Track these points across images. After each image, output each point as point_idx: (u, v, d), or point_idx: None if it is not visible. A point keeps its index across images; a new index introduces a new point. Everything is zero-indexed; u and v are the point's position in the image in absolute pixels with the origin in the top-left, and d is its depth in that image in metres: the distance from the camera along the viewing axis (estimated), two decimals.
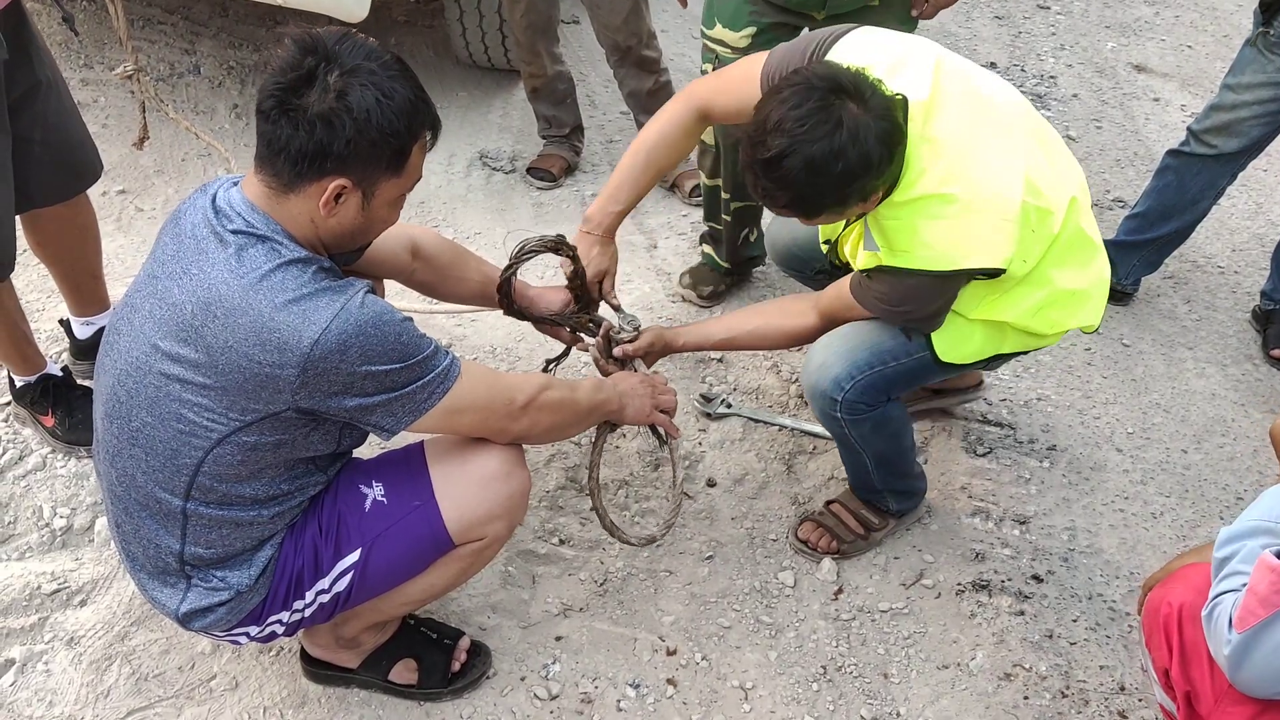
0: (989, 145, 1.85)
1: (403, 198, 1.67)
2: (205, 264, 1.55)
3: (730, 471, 2.61)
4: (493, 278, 2.19)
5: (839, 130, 1.66)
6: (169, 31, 4.24)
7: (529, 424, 1.80)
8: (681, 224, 3.50)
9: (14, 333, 2.40)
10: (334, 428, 1.67)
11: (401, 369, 1.59)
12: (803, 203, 1.79)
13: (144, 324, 1.60)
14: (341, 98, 1.50)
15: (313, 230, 1.60)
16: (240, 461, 1.61)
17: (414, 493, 1.79)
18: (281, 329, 1.50)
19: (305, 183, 1.54)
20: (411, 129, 1.57)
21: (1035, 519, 2.54)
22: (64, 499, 2.40)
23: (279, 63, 1.52)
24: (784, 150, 1.68)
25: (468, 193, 3.66)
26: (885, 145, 1.71)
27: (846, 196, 1.76)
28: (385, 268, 2.03)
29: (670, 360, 2.91)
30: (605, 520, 2.10)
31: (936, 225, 1.81)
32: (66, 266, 2.55)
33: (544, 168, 3.72)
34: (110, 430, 1.66)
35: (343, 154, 1.52)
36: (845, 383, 2.09)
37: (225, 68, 4.09)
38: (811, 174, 1.69)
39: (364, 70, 1.51)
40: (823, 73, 1.71)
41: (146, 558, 1.71)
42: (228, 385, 1.54)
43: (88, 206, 2.49)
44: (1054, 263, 1.98)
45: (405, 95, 1.55)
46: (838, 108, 1.67)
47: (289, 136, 1.50)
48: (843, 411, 2.12)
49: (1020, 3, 5.17)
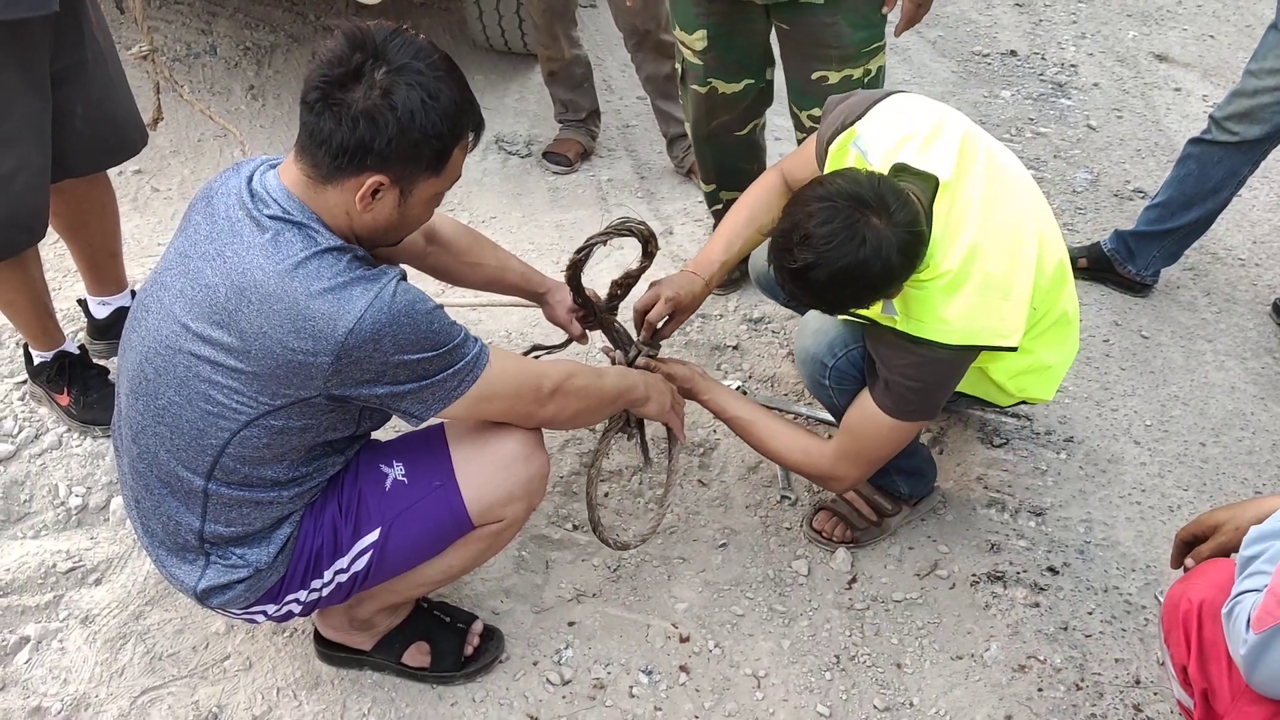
0: (1005, 222, 1.89)
1: (439, 196, 1.66)
2: (240, 247, 1.55)
3: (745, 460, 2.60)
4: (507, 265, 2.18)
5: (863, 246, 1.70)
6: (185, 11, 4.24)
7: (555, 410, 1.81)
8: (697, 210, 3.49)
9: (37, 304, 2.41)
10: (355, 411, 1.66)
11: (433, 357, 1.59)
12: (827, 306, 1.87)
13: (174, 303, 1.59)
14: (387, 96, 1.49)
15: (347, 222, 1.59)
16: (265, 444, 1.61)
17: (434, 473, 1.79)
18: (316, 317, 1.50)
19: (344, 176, 1.54)
20: (454, 131, 1.57)
21: (1051, 511, 2.52)
22: (79, 478, 2.41)
23: (327, 55, 1.52)
24: (810, 264, 1.72)
25: (483, 176, 3.65)
26: (907, 255, 1.75)
27: (868, 301, 1.83)
28: (400, 252, 2.03)
29: (686, 348, 2.90)
30: (593, 513, 2.10)
31: (955, 301, 1.84)
32: (84, 242, 2.55)
33: (560, 152, 3.71)
34: (135, 407, 1.66)
35: (383, 152, 1.51)
36: (838, 349, 2.11)
37: (241, 48, 4.08)
38: (835, 286, 1.75)
39: (411, 69, 1.51)
40: (846, 187, 1.74)
41: (166, 534, 1.72)
42: (259, 370, 1.54)
43: (106, 183, 2.49)
44: (1040, 338, 2.07)
45: (450, 97, 1.54)
46: (861, 223, 1.71)
47: (331, 130, 1.50)
48: (831, 379, 2.14)
49: None
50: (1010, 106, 4.21)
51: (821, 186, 1.78)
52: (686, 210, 3.52)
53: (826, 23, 2.48)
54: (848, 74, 2.56)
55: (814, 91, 2.60)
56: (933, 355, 1.88)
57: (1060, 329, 2.11)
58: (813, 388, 2.21)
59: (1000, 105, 4.22)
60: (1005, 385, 2.12)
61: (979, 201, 1.87)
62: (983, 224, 1.85)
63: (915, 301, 1.85)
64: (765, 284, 2.50)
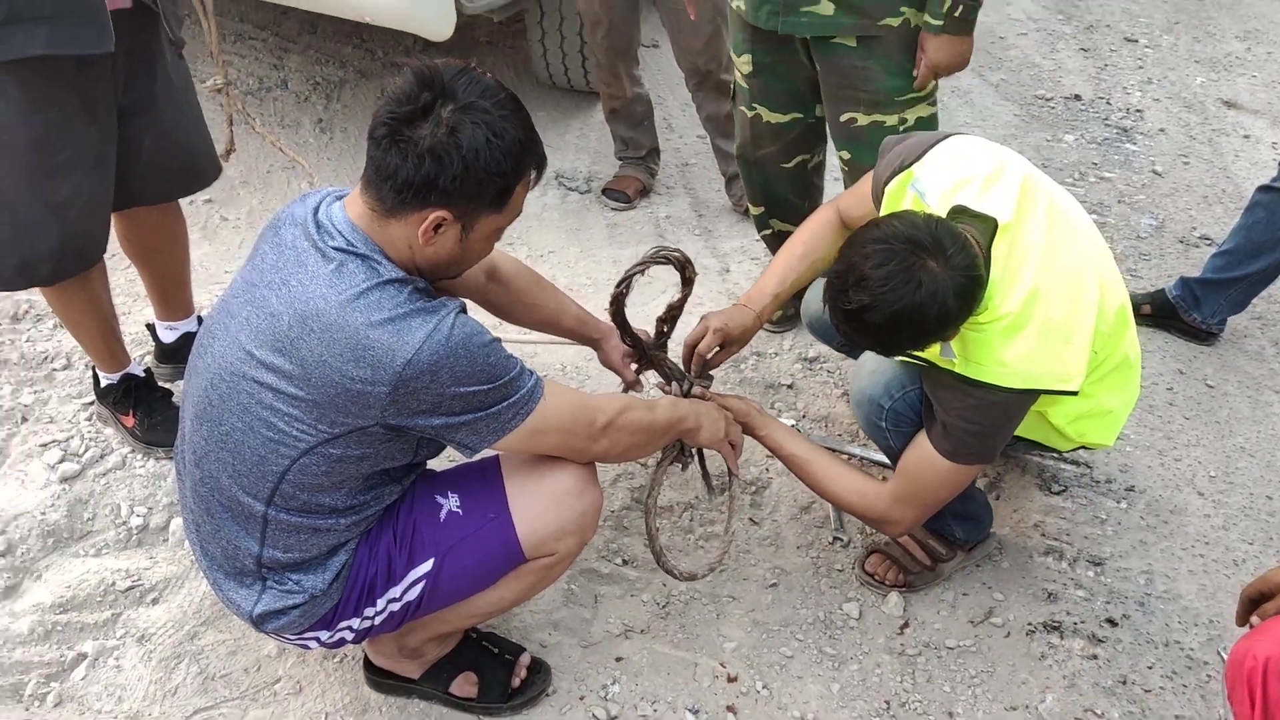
0: (1066, 266, 1.87)
1: (500, 231, 1.69)
2: (305, 277, 1.58)
3: (797, 499, 2.59)
4: (563, 308, 2.21)
5: (919, 290, 1.70)
6: (258, 47, 4.36)
7: (608, 445, 1.82)
8: (755, 249, 3.49)
9: (104, 325, 2.48)
10: (412, 440, 1.68)
11: (489, 390, 1.61)
12: (882, 349, 1.86)
13: (240, 330, 1.63)
14: (453, 134, 1.53)
15: (410, 255, 1.63)
16: (324, 472, 1.63)
17: (489, 505, 1.80)
18: (376, 347, 1.53)
19: (408, 210, 1.57)
20: (517, 169, 1.60)
21: (1111, 561, 2.47)
22: (141, 498, 2.46)
23: (396, 92, 1.56)
24: (865, 305, 1.72)
25: (543, 211, 3.69)
26: (964, 298, 1.75)
27: (925, 344, 1.82)
28: (460, 286, 2.06)
29: (740, 385, 2.90)
30: (654, 544, 2.09)
31: (1015, 344, 1.82)
32: (154, 268, 2.62)
33: (619, 189, 3.74)
34: (199, 432, 1.69)
35: (447, 188, 1.55)
36: (895, 390, 2.09)
37: (311, 83, 4.19)
38: (891, 328, 1.74)
39: (477, 108, 1.54)
40: (903, 229, 1.74)
41: (225, 557, 1.74)
42: (319, 398, 1.56)
43: (177, 212, 2.57)
44: (1101, 382, 2.03)
45: (515, 136, 1.58)
46: (917, 267, 1.70)
47: (397, 166, 1.54)
48: (888, 421, 2.12)
49: (1107, 35, 5.09)
50: (1074, 151, 4.17)
51: (878, 228, 1.78)
52: (744, 249, 3.52)
53: (858, 65, 2.48)
54: (878, 120, 2.54)
55: (843, 133, 2.60)
56: (991, 398, 1.85)
57: (1121, 374, 2.08)
58: (868, 429, 2.19)
59: (1063, 150, 4.18)
60: (1065, 430, 2.09)
61: (1040, 245, 1.85)
62: (1043, 267, 1.83)
63: (974, 344, 1.84)
64: (818, 328, 2.49)
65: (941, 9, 2.34)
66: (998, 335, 1.82)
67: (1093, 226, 2.04)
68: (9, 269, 2.22)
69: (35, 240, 2.19)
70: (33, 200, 2.15)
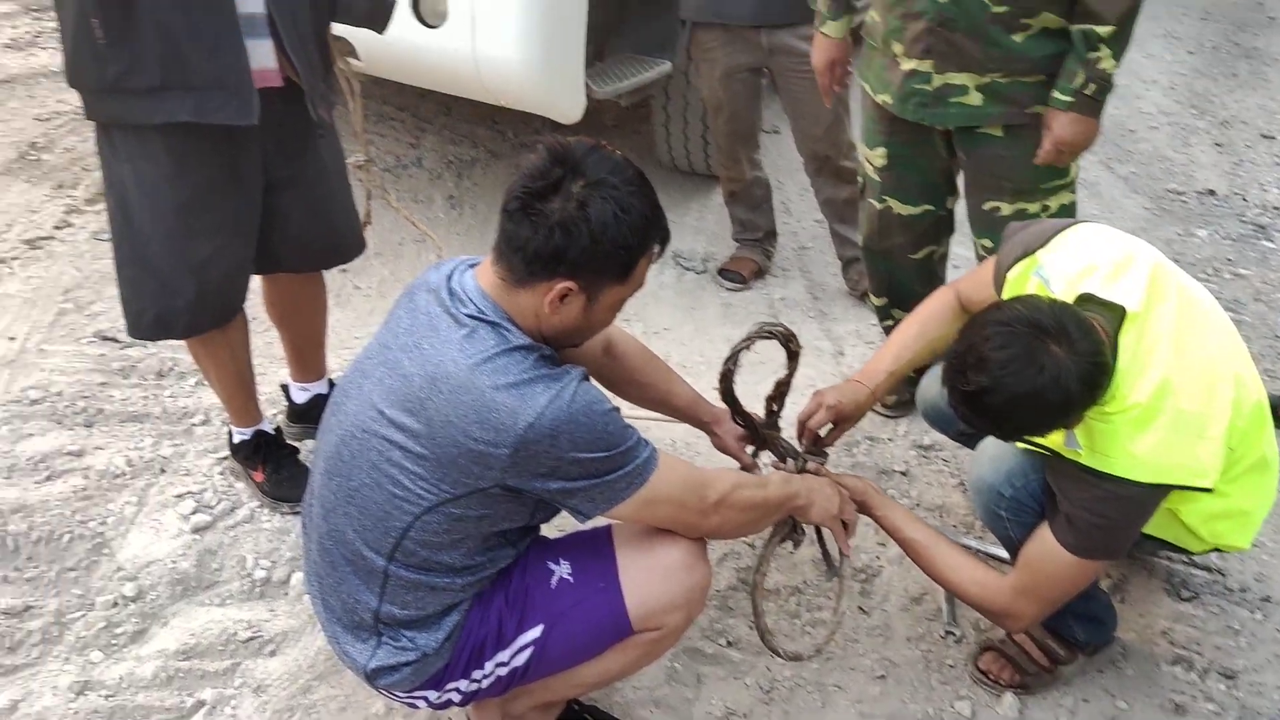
0: (1199, 359, 1.83)
1: (622, 302, 1.74)
2: (437, 341, 1.65)
3: (908, 589, 2.53)
4: (676, 389, 2.24)
5: (1041, 374, 1.67)
6: (398, 127, 4.60)
7: (720, 521, 1.82)
8: (870, 333, 3.48)
9: (241, 381, 2.60)
10: (529, 503, 1.72)
11: (605, 458, 1.64)
12: (1002, 434, 1.83)
13: (373, 390, 1.70)
14: (582, 208, 1.59)
15: (536, 323, 1.69)
16: (445, 530, 1.68)
17: (599, 574, 1.82)
18: (500, 409, 1.58)
19: (536, 281, 1.64)
20: (643, 243, 1.66)
21: (1244, 674, 2.33)
22: (266, 551, 2.55)
23: (530, 168, 1.63)
24: (985, 388, 1.70)
25: (659, 289, 3.75)
26: (1088, 385, 1.71)
27: (1047, 431, 1.78)
28: (578, 358, 2.10)
29: (852, 469, 2.86)
30: (760, 621, 2.06)
31: (1145, 436, 1.77)
32: (293, 331, 2.76)
33: (735, 269, 3.79)
34: (329, 487, 1.76)
35: (575, 260, 1.61)
36: (1016, 478, 2.04)
37: (445, 161, 4.38)
38: (1011, 412, 1.72)
39: (607, 184, 1.61)
40: (1026, 313, 1.72)
41: (344, 611, 1.79)
42: (443, 458, 1.62)
43: (320, 280, 2.70)
44: (1237, 481, 1.95)
45: (641, 211, 1.64)
46: (1040, 351, 1.68)
47: (528, 238, 1.60)
48: (1008, 510, 2.06)
49: (1243, 131, 4.97)
50: (1207, 246, 4.05)
51: (999, 311, 1.76)
52: (859, 332, 3.51)
53: (1003, 155, 2.48)
54: (1022, 207, 2.53)
55: (986, 222, 2.59)
56: (1120, 491, 1.80)
57: (1259, 474, 1.99)
58: (987, 518, 2.14)
59: (1196, 245, 4.07)
60: (1198, 530, 2.00)
61: (1170, 335, 1.80)
62: (1174, 358, 1.78)
63: (1101, 434, 1.79)
64: (934, 417, 2.46)
65: (1071, 85, 2.32)
66: (1126, 426, 1.77)
67: (1227, 320, 1.98)
68: (148, 320, 2.35)
69: (173, 296, 2.31)
70: (174, 258, 2.27)
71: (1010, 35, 2.34)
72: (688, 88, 3.97)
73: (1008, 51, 2.36)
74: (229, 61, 2.10)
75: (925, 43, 2.40)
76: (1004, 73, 2.39)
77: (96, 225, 3.87)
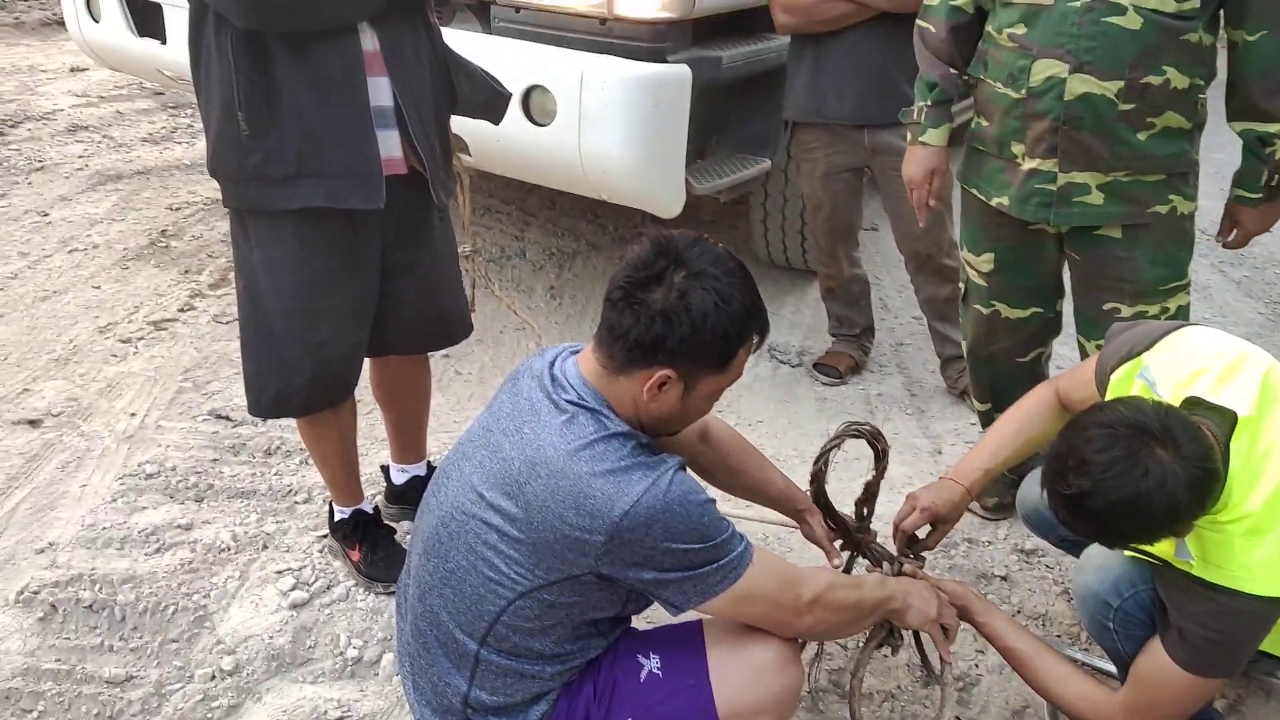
0: None
1: (719, 392, 1.76)
2: (538, 425, 1.69)
3: (1009, 700, 2.43)
4: (769, 478, 2.23)
5: (1145, 478, 1.62)
6: (504, 219, 4.76)
7: (814, 621, 1.79)
8: (969, 432, 3.41)
9: (346, 461, 2.68)
10: (622, 593, 1.72)
11: (700, 549, 1.64)
12: (1106, 540, 1.78)
13: (473, 472, 1.74)
14: (683, 298, 1.63)
15: (634, 410, 1.71)
16: (537, 616, 1.69)
17: (689, 670, 1.80)
18: (596, 496, 1.60)
19: (636, 368, 1.67)
20: (742, 333, 1.69)
21: None
22: (359, 630, 2.59)
23: (634, 258, 1.69)
24: (1086, 491, 1.65)
25: (754, 382, 3.75)
26: (1197, 491, 1.65)
27: (1154, 538, 1.72)
28: (674, 445, 2.12)
29: (950, 572, 2.79)
30: None
31: (1261, 546, 1.70)
32: (397, 413, 2.83)
33: (831, 364, 3.77)
34: (425, 567, 1.79)
35: (674, 349, 1.64)
36: (1125, 589, 1.96)
37: (547, 253, 4.50)
38: (1114, 517, 1.66)
39: (708, 275, 1.65)
40: (1129, 415, 1.68)
41: (434, 693, 1.80)
42: (539, 543, 1.64)
43: (426, 363, 2.78)
44: None
45: (741, 302, 1.67)
46: (1144, 454, 1.63)
47: (629, 326, 1.65)
48: (1116, 621, 1.98)
49: None
50: None
51: (1102, 412, 1.71)
52: (958, 431, 3.45)
53: (1121, 256, 2.45)
54: (1142, 309, 2.48)
55: (1104, 322, 2.53)
56: (1235, 605, 1.71)
57: None
58: (1094, 630, 2.05)
59: None
60: None
61: None
62: None
63: (1213, 544, 1.72)
64: (1035, 521, 2.39)
65: (1259, 183, 2.36)
66: (1240, 536, 1.70)
67: None
68: (268, 398, 2.45)
69: (292, 374, 2.40)
70: (295, 338, 2.37)
71: (1136, 133, 2.33)
72: (786, 184, 4.02)
73: (1133, 150, 2.35)
74: (361, 150, 2.21)
75: (1049, 142, 2.39)
76: (1127, 171, 2.37)
77: (218, 309, 4.07)
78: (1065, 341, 2.90)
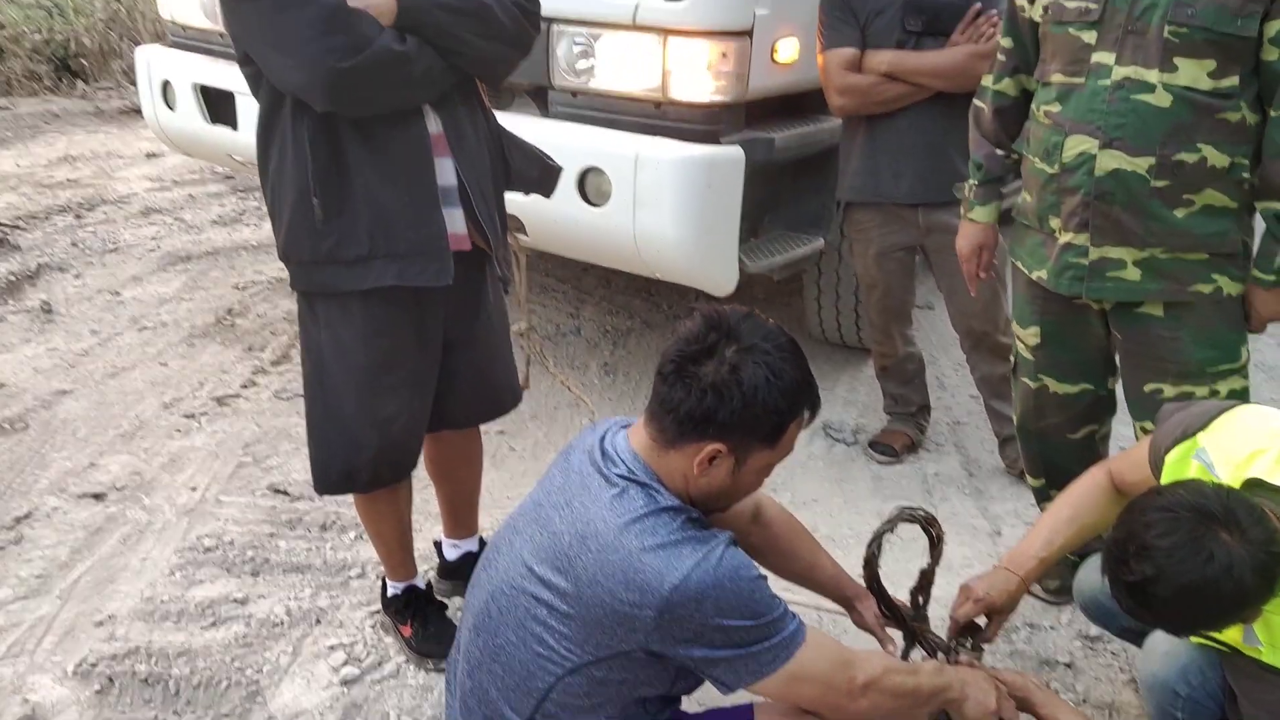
0: None
1: (770, 467, 1.76)
2: (588, 499, 1.69)
3: None
4: (819, 563, 2.21)
5: (1210, 563, 1.58)
6: (559, 297, 4.82)
7: (868, 706, 1.75)
8: (1029, 513, 3.34)
9: (401, 537, 2.69)
10: (671, 670, 1.70)
11: (751, 626, 1.62)
12: (1171, 627, 1.73)
13: (524, 546, 1.75)
14: (734, 372, 1.64)
15: (684, 484, 1.71)
16: (585, 693, 1.67)
17: None
18: (646, 571, 1.59)
19: (686, 442, 1.68)
20: (793, 408, 1.69)
21: None
22: (409, 708, 2.57)
23: (686, 332, 1.71)
24: (1150, 578, 1.61)
25: (808, 460, 3.72)
26: (1264, 576, 1.60)
27: (1221, 625, 1.68)
28: (725, 522, 2.10)
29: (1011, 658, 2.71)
30: None
31: None
32: (450, 488, 2.85)
33: (886, 442, 3.73)
34: (475, 643, 1.79)
35: (725, 423, 1.65)
36: (1193, 676, 1.90)
37: (602, 330, 4.55)
38: (1179, 604, 1.62)
39: (759, 350, 1.66)
40: (1190, 498, 1.64)
41: None
42: (588, 618, 1.63)
43: (478, 437, 2.81)
44: None
45: (793, 377, 1.67)
46: (1209, 539, 1.59)
47: (680, 399, 1.66)
48: (1185, 711, 1.91)
49: None
50: None
51: (1160, 496, 1.67)
52: (1017, 512, 3.38)
53: (1165, 336, 2.41)
54: (1187, 391, 2.42)
55: (1147, 405, 2.48)
56: None
57: None
58: (1161, 719, 1.98)
59: None
60: None
61: None
62: None
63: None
64: (1094, 611, 2.32)
65: (1273, 264, 2.31)
66: None
67: None
68: (335, 473, 2.48)
69: (359, 450, 2.44)
70: (361, 414, 2.41)
71: (1172, 211, 2.30)
72: (840, 263, 4.04)
73: (1169, 227, 2.32)
74: (430, 230, 2.28)
75: (1081, 216, 2.38)
76: (1165, 248, 2.34)
77: (279, 385, 4.16)
78: (1125, 421, 2.84)
